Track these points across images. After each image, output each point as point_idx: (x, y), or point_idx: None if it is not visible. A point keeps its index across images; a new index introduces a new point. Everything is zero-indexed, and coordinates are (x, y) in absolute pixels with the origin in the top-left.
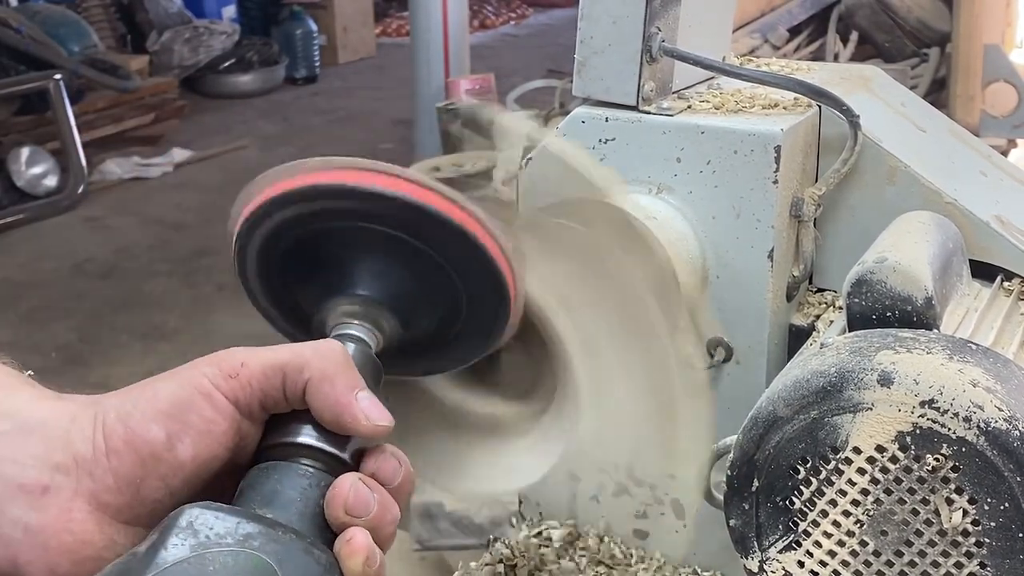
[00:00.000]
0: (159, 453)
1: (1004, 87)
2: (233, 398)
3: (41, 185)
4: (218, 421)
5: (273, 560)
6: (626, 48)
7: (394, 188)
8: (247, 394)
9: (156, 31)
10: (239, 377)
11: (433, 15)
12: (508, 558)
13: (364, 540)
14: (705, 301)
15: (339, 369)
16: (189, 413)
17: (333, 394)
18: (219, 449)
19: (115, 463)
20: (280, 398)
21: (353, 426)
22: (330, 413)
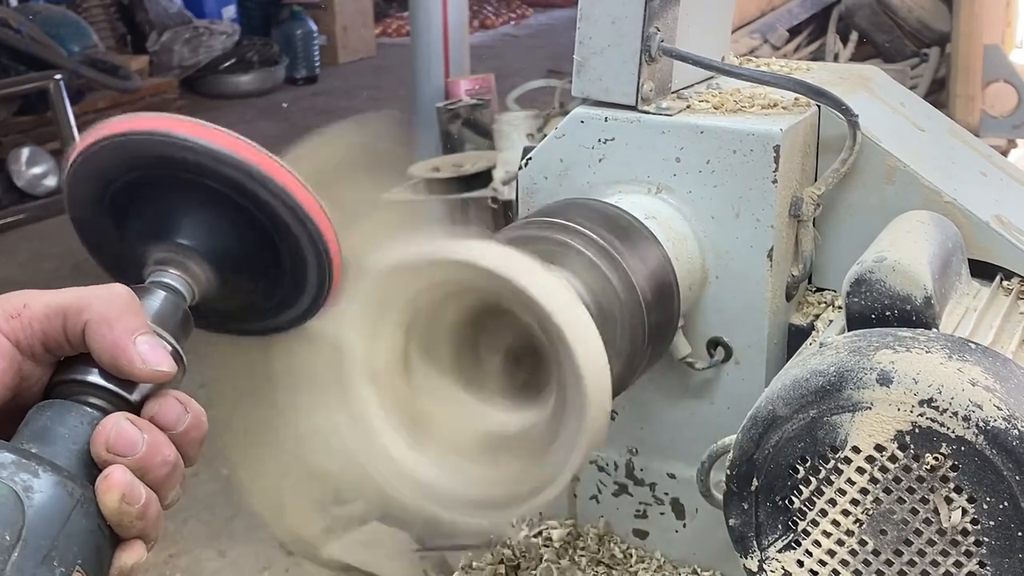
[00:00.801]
0: None
1: (1004, 87)
2: (13, 338)
3: (41, 185)
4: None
5: (19, 488)
6: (625, 48)
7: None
8: (28, 334)
9: (156, 31)
10: (20, 317)
11: (433, 15)
12: (509, 558)
13: (121, 477)
14: None
15: (120, 312)
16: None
17: (111, 336)
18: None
19: None
20: (62, 340)
21: (129, 369)
22: (107, 355)
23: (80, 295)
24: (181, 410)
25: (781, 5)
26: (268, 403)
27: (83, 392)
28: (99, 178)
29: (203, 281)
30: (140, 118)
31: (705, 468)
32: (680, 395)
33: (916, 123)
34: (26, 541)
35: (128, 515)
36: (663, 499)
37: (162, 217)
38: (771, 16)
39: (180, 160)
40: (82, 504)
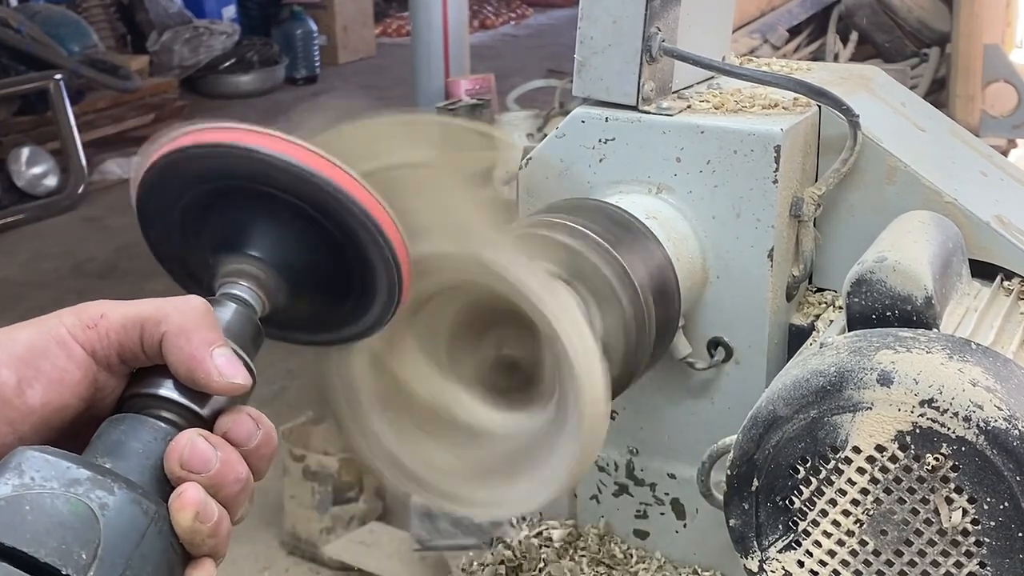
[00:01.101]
0: (8, 397)
1: (1004, 87)
2: (90, 348)
3: (41, 185)
4: (71, 370)
5: (95, 506)
6: (626, 48)
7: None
8: (104, 345)
9: (156, 31)
10: (97, 328)
11: (433, 15)
12: (509, 559)
13: (195, 495)
14: None
15: (197, 324)
16: (42, 360)
17: (188, 348)
18: (71, 398)
19: None
20: (138, 351)
21: (206, 381)
22: (184, 368)
23: (158, 306)
24: (253, 426)
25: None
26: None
27: (156, 406)
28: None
29: (273, 293)
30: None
31: (705, 468)
32: (680, 395)
33: (916, 123)
34: (102, 560)
35: (200, 533)
36: (663, 499)
37: (233, 228)
38: (771, 16)
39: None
40: (156, 522)
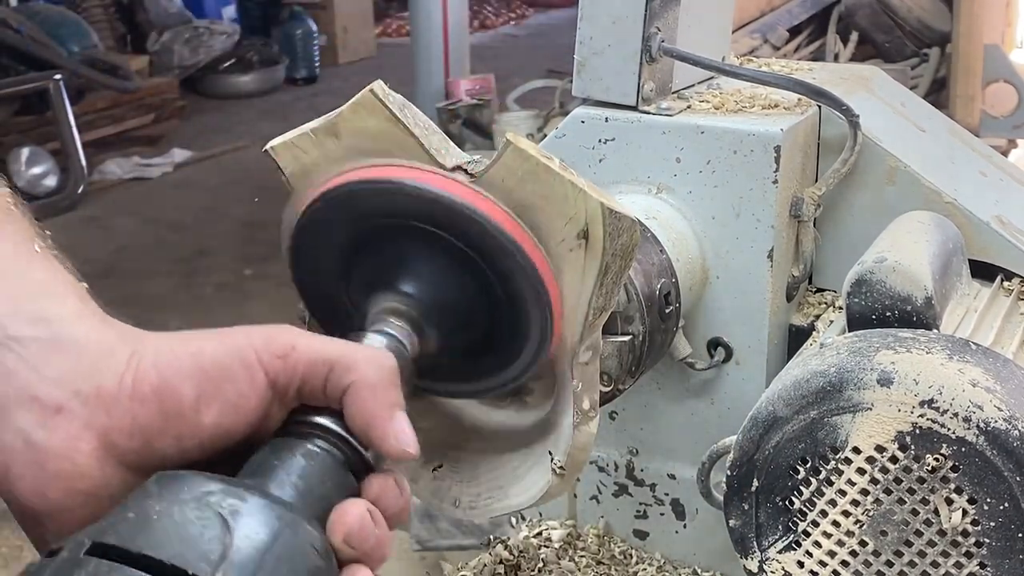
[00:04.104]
0: (183, 411)
1: (1004, 87)
2: (273, 378)
3: (41, 185)
4: (251, 397)
5: (226, 512)
6: (626, 48)
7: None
8: (288, 377)
9: (156, 31)
10: (286, 359)
11: (433, 15)
12: (508, 559)
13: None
14: None
15: (386, 382)
16: (225, 381)
17: (373, 403)
18: (242, 424)
19: (136, 408)
20: (319, 390)
21: (381, 440)
22: (363, 421)
23: (350, 351)
24: (399, 494)
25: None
26: None
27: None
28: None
29: (425, 334)
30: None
31: (705, 469)
32: (680, 395)
33: (916, 123)
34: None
35: None
36: (663, 500)
37: (387, 267)
38: (771, 16)
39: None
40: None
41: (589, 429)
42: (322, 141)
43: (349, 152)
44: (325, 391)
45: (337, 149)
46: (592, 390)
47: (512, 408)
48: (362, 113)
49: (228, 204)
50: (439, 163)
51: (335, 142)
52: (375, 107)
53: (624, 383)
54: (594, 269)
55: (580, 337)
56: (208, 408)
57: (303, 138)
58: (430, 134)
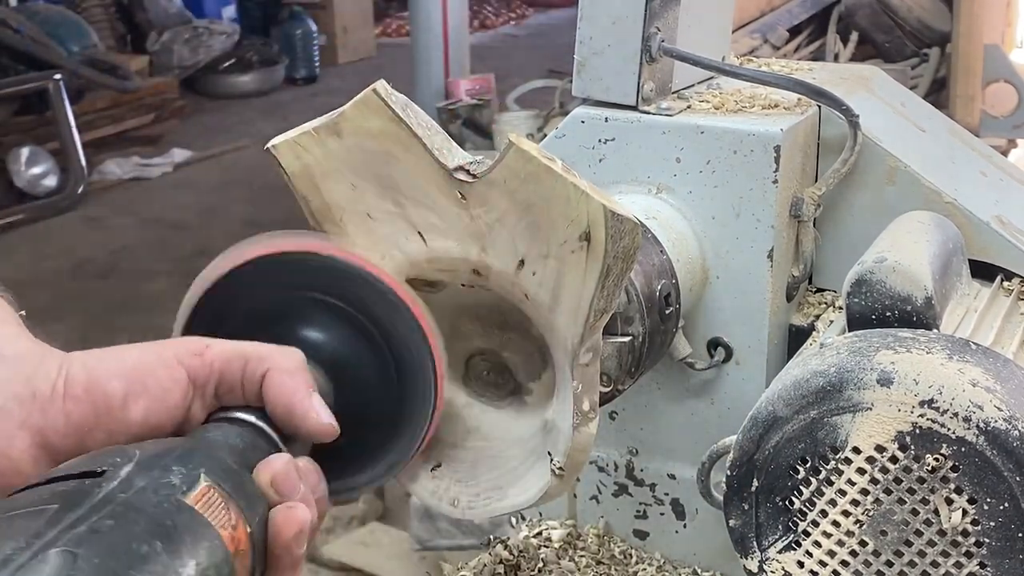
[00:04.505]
0: (113, 407)
1: (1004, 87)
2: (192, 374)
3: (41, 185)
4: (173, 392)
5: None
6: (626, 48)
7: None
8: (206, 373)
9: (156, 31)
10: (202, 356)
11: (433, 15)
12: (507, 559)
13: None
14: None
15: (299, 368)
16: (148, 377)
17: (292, 385)
18: (167, 420)
19: (70, 407)
20: (236, 384)
21: (303, 418)
22: (284, 403)
23: (262, 347)
24: (317, 476)
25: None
26: None
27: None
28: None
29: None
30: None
31: (705, 469)
32: (680, 395)
33: (916, 123)
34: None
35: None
36: (663, 499)
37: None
38: (771, 16)
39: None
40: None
41: (589, 430)
42: (324, 140)
43: (351, 151)
44: (243, 385)
45: (339, 148)
46: (592, 391)
47: (511, 408)
48: (365, 112)
49: (228, 204)
50: (441, 162)
51: (337, 141)
52: (378, 106)
53: (623, 384)
54: (595, 271)
55: (581, 339)
56: (135, 403)
57: (305, 137)
58: (433, 134)
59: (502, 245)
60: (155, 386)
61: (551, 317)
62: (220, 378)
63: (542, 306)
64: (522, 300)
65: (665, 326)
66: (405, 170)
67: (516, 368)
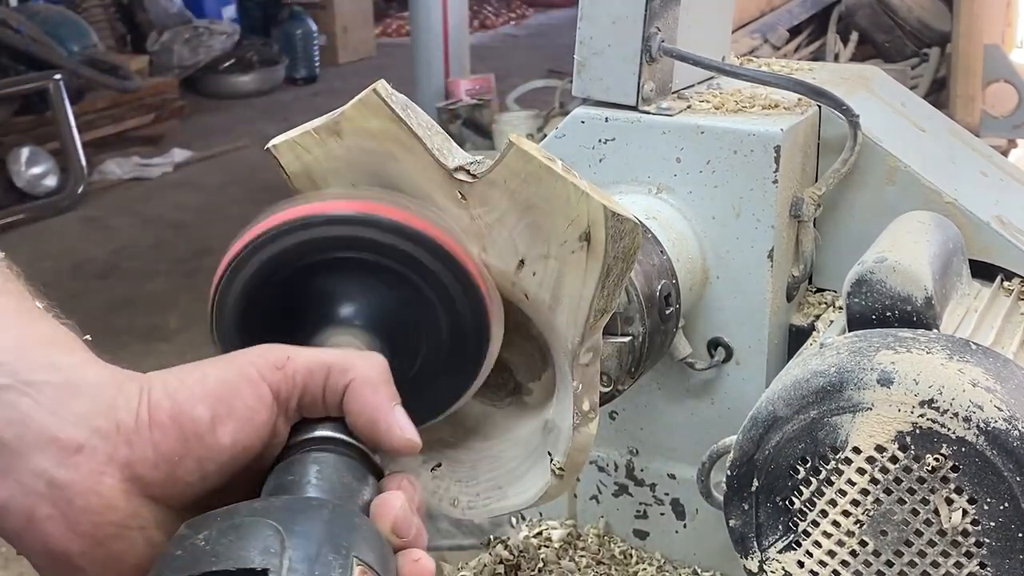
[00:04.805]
0: (202, 433)
1: (1004, 87)
2: (275, 389)
3: (41, 185)
4: (260, 410)
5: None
6: (626, 48)
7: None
8: (289, 387)
9: (156, 31)
10: (284, 369)
11: (433, 15)
12: (507, 559)
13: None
14: None
15: (383, 379)
16: (234, 398)
17: (375, 399)
18: (256, 440)
19: (157, 436)
20: (319, 397)
21: (387, 433)
22: (368, 417)
23: (344, 355)
24: (414, 490)
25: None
26: None
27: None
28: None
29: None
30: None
31: (705, 469)
32: (680, 395)
33: (917, 123)
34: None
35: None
36: (663, 499)
37: (322, 306)
38: (771, 16)
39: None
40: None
41: (589, 430)
42: (324, 140)
43: (351, 151)
44: (324, 397)
45: (339, 148)
46: (592, 391)
47: (511, 408)
48: (365, 112)
49: (228, 204)
50: (442, 163)
51: (337, 141)
52: (378, 107)
53: (624, 384)
54: (596, 271)
55: (581, 339)
56: (223, 426)
57: (305, 137)
58: (433, 134)
59: (502, 245)
60: (241, 407)
61: (551, 317)
62: (303, 391)
63: (542, 306)
64: (522, 300)
65: (665, 326)
66: (405, 170)
67: (516, 368)
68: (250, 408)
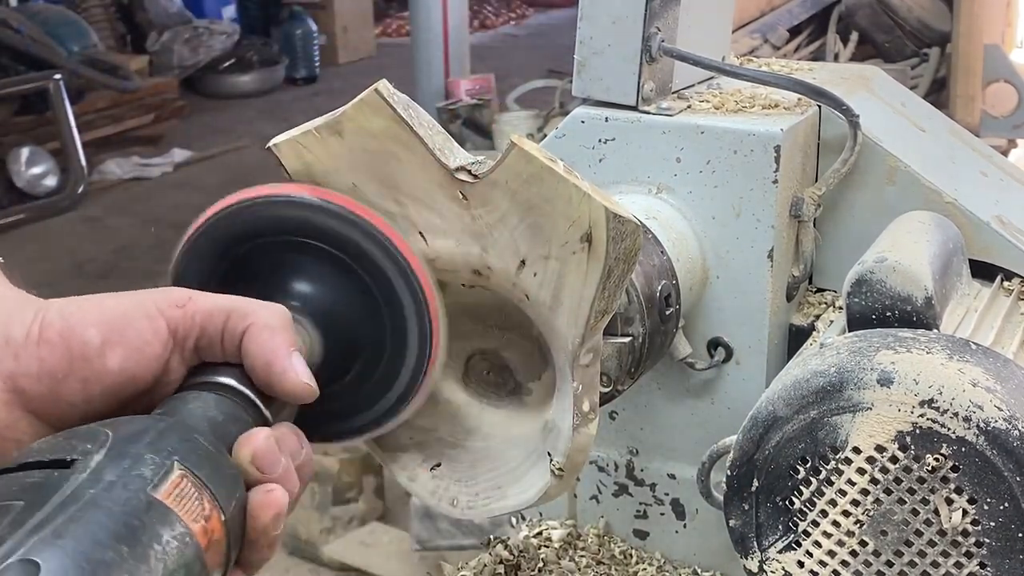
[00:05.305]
0: (89, 355)
1: (1004, 87)
2: (173, 326)
3: (41, 185)
4: (153, 343)
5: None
6: (626, 48)
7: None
8: (187, 326)
9: (156, 31)
10: (184, 308)
11: (433, 15)
12: (507, 559)
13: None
14: None
15: (282, 325)
16: (128, 327)
17: (272, 342)
18: (145, 372)
19: (44, 352)
20: (216, 340)
21: (281, 377)
22: (263, 361)
23: (245, 302)
24: (298, 443)
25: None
26: None
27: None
28: (212, 257)
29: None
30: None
31: (705, 469)
32: (680, 395)
33: (917, 123)
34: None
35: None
36: (663, 499)
37: (267, 286)
38: (771, 16)
39: (296, 220)
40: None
41: (588, 431)
42: (326, 139)
43: (352, 150)
44: (223, 340)
45: (340, 147)
46: (592, 392)
47: (511, 408)
48: (366, 112)
49: None
50: (442, 162)
51: (339, 140)
52: (380, 106)
53: (623, 384)
54: (596, 272)
55: (581, 339)
56: (112, 352)
57: (307, 136)
58: (434, 134)
59: (503, 245)
60: (134, 336)
61: (552, 318)
62: (201, 332)
63: (543, 307)
64: (522, 300)
65: (665, 327)
66: (406, 170)
67: (516, 368)
68: (143, 339)
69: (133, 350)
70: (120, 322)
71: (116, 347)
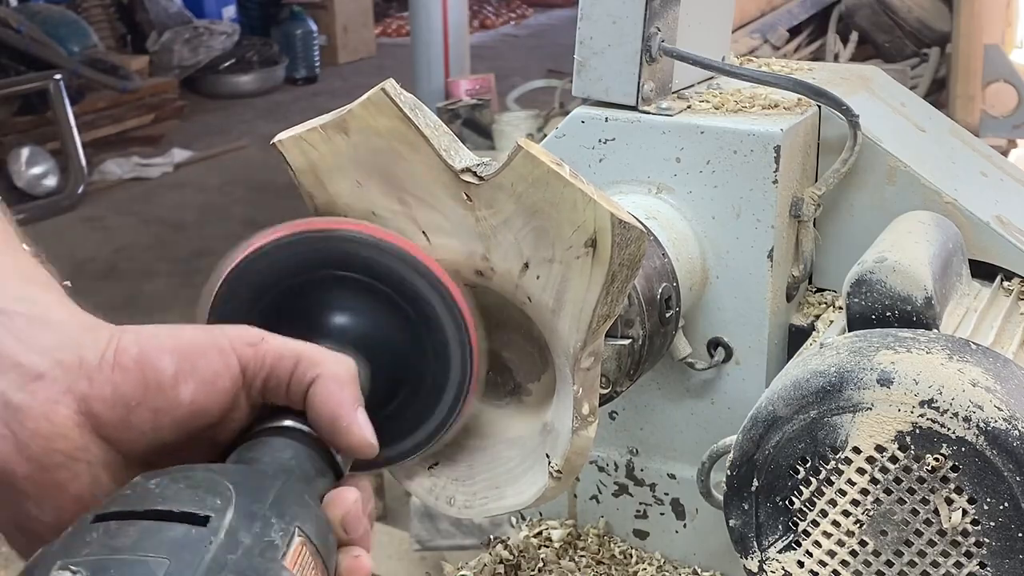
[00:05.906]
0: (162, 384)
1: (1004, 87)
2: (244, 363)
3: (41, 185)
4: (223, 377)
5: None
6: (626, 48)
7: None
8: (257, 366)
9: (156, 31)
10: (256, 347)
11: (433, 15)
12: (508, 559)
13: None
14: None
15: (350, 378)
16: (201, 359)
17: (339, 396)
18: (215, 405)
19: (119, 377)
20: (283, 384)
21: (347, 432)
22: (330, 412)
23: (315, 350)
24: (371, 497)
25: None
26: None
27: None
28: (251, 294)
29: (362, 381)
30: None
31: (705, 468)
32: (680, 395)
33: (917, 123)
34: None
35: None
36: (663, 499)
37: (311, 321)
38: (771, 16)
39: (340, 254)
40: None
41: (588, 434)
42: (331, 137)
43: (357, 149)
44: (290, 384)
45: (345, 146)
46: (592, 395)
47: (510, 408)
48: (373, 111)
49: (228, 204)
50: (448, 163)
51: (344, 139)
52: (386, 105)
53: (622, 385)
54: (600, 277)
55: (583, 343)
56: (185, 384)
57: (312, 133)
58: (440, 135)
59: (507, 248)
60: (206, 369)
61: (554, 321)
62: (270, 373)
63: (545, 309)
64: (525, 303)
65: (665, 329)
66: (411, 169)
67: (516, 368)
68: (215, 372)
69: (204, 383)
70: (193, 354)
71: (188, 379)
